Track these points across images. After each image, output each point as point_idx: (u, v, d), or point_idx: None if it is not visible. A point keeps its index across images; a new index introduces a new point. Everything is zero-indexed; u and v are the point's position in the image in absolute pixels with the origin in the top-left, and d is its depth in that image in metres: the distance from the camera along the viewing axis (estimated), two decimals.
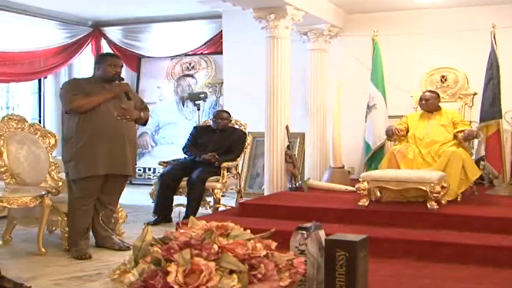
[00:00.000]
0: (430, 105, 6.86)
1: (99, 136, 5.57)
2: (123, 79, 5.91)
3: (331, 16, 8.61)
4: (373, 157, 7.57)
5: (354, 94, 8.39)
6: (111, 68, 5.73)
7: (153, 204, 7.42)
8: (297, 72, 8.03)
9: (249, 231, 2.71)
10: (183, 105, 10.75)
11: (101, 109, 5.60)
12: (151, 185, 7.81)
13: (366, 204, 5.99)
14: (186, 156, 7.74)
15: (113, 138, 5.65)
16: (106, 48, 11.20)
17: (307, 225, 3.25)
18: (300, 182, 7.50)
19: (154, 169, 10.53)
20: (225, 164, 7.36)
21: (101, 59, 5.93)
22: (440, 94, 7.05)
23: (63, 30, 10.69)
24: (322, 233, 3.25)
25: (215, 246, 2.46)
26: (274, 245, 2.66)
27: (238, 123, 8.00)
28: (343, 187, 7.45)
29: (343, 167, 8.05)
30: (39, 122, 10.39)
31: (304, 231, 3.20)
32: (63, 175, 6.06)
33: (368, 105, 7.72)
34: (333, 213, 5.95)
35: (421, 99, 6.96)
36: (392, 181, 5.97)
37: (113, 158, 5.65)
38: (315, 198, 6.81)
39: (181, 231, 2.57)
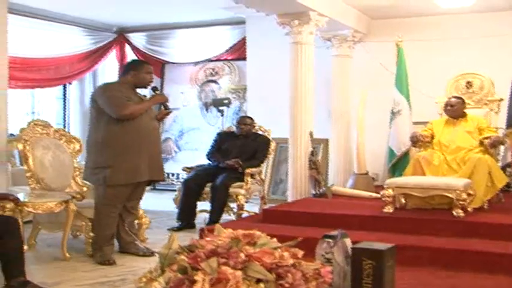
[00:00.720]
0: (455, 111, 6.78)
1: (141, 142, 5.60)
2: (157, 88, 6.05)
3: (355, 22, 8.57)
4: (397, 164, 7.53)
5: (378, 100, 8.30)
6: (148, 75, 5.79)
7: (176, 210, 7.41)
8: (320, 78, 7.97)
9: (275, 240, 2.67)
10: (207, 111, 10.77)
11: (141, 115, 5.64)
12: (175, 190, 7.83)
13: (391, 211, 5.93)
14: (210, 162, 7.72)
15: (151, 144, 5.73)
16: (130, 54, 11.28)
17: (333, 233, 3.20)
18: (323, 188, 7.45)
19: (178, 175, 10.50)
20: (248, 170, 7.35)
21: (139, 65, 5.90)
22: (465, 100, 6.95)
23: (88, 37, 10.79)
24: (348, 242, 3.20)
25: (242, 255, 2.41)
26: (301, 253, 2.61)
27: (262, 129, 7.99)
28: (367, 194, 7.40)
29: (367, 173, 7.99)
30: (64, 127, 10.45)
31: (330, 240, 3.15)
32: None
33: (392, 111, 7.67)
34: (357, 220, 5.90)
35: (446, 105, 6.87)
36: (417, 188, 5.91)
37: (152, 163, 5.72)
38: (339, 205, 6.77)
39: (208, 239, 2.54)
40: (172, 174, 10.70)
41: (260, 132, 7.94)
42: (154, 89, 5.97)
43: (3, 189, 5.09)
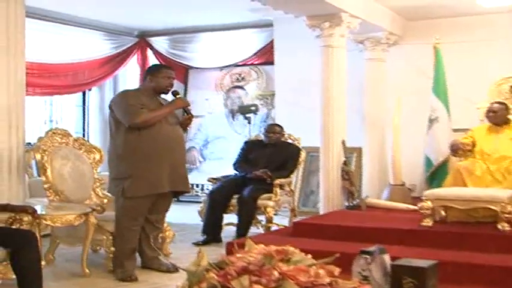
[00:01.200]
0: (498, 117, 6.69)
1: (161, 151, 5.58)
2: (177, 92, 5.99)
3: (390, 23, 8.51)
4: (435, 174, 7.45)
5: (414, 106, 8.25)
6: (166, 80, 5.77)
7: (201, 223, 7.40)
8: (353, 83, 7.91)
9: (310, 256, 2.63)
10: (233, 118, 10.75)
11: (161, 122, 5.63)
12: (200, 202, 7.82)
13: (430, 224, 5.84)
14: (237, 172, 7.72)
15: (173, 153, 5.69)
16: (152, 59, 11.31)
17: (371, 248, 3.16)
18: (357, 200, 7.41)
19: (203, 186, 10.47)
20: (277, 181, 7.32)
21: (155, 70, 5.92)
22: (509, 105, 6.83)
23: (108, 41, 10.84)
24: (387, 258, 3.16)
25: (275, 273, 2.38)
26: (337, 271, 2.57)
27: (292, 138, 7.94)
28: (404, 206, 7.31)
29: (403, 184, 7.89)
30: (83, 136, 10.53)
31: (367, 256, 3.11)
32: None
33: (429, 118, 7.60)
34: (393, 234, 5.80)
35: (488, 111, 6.77)
36: (458, 200, 5.79)
37: (175, 173, 5.69)
38: (374, 218, 6.72)
39: (239, 255, 2.50)
40: (197, 185, 10.65)
41: (290, 141, 7.90)
42: (174, 93, 5.93)
43: (20, 202, 5.09)
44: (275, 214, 7.37)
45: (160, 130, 5.60)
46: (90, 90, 10.99)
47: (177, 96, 5.94)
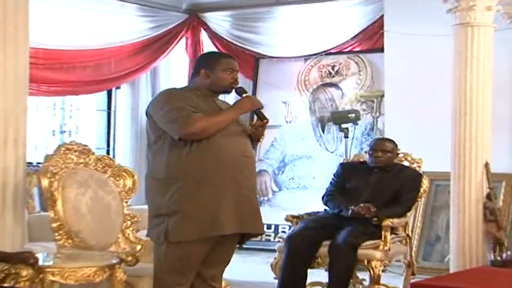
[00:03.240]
0: None
1: (222, 174, 5.46)
2: (244, 90, 5.83)
3: None
4: None
5: None
6: (227, 74, 5.67)
7: (275, 281, 7.34)
8: (502, 78, 7.93)
9: None
10: (323, 130, 10.70)
11: (221, 133, 5.54)
12: (273, 251, 7.78)
13: None
14: (328, 208, 7.64)
15: (241, 177, 5.57)
16: (207, 45, 11.36)
17: None
18: (508, 253, 7.26)
19: (277, 227, 10.47)
20: (387, 222, 7.15)
21: (212, 60, 5.79)
22: None
23: (144, 18, 10.92)
24: None
25: None
26: None
27: (409, 159, 7.82)
28: None
29: None
30: (109, 153, 10.59)
31: None
32: (143, 233, 6.01)
33: None
34: None
35: None
36: None
37: (242, 207, 5.54)
38: None
39: None
40: (269, 227, 10.52)
41: (406, 164, 7.81)
42: (239, 91, 5.78)
43: (17, 247, 5.10)
44: (383, 270, 7.25)
45: (220, 144, 5.48)
46: (118, 88, 11.09)
47: (245, 95, 5.81)
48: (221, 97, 5.85)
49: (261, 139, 5.99)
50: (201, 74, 5.68)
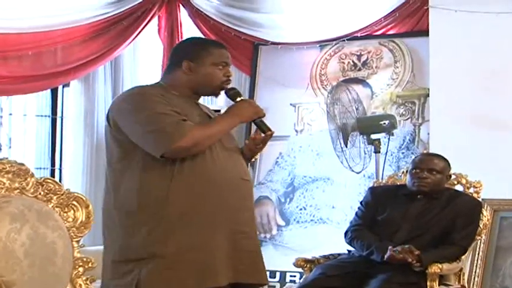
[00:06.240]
0: None
1: (215, 206, 5.36)
2: (239, 92, 5.78)
3: None
4: None
5: None
6: (219, 69, 5.56)
7: None
8: None
9: None
10: (345, 142, 10.38)
11: (211, 149, 5.38)
12: None
13: None
14: (353, 249, 7.53)
15: (239, 210, 5.46)
16: (188, 26, 11.18)
17: None
18: None
19: (284, 274, 10.31)
20: (435, 269, 7.02)
21: (197, 50, 5.64)
22: None
23: None
24: None
25: None
26: None
27: (463, 182, 7.75)
28: None
29: None
30: (53, 175, 10.50)
31: None
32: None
33: None
34: None
35: None
36: None
37: (240, 250, 5.44)
38: None
39: None
40: (273, 275, 10.37)
41: (459, 188, 7.67)
42: (232, 93, 5.66)
43: None
44: None
45: (213, 163, 5.37)
46: (66, 86, 10.88)
47: (239, 98, 5.67)
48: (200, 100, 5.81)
49: (255, 158, 6.12)
50: (182, 68, 5.61)
